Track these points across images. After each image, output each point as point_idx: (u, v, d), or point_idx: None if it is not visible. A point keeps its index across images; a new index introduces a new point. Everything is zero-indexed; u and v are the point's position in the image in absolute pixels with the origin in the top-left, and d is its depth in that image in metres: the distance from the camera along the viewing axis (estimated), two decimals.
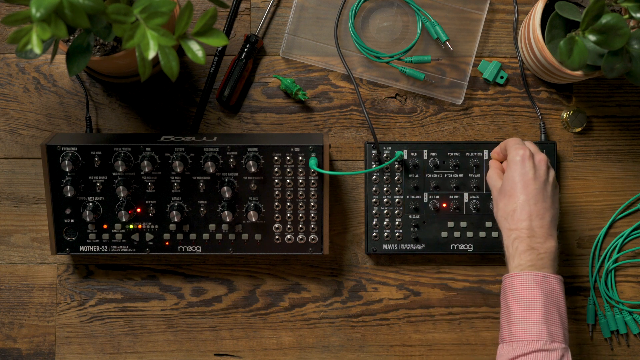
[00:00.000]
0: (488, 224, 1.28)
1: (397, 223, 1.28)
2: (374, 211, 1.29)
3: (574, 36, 1.10)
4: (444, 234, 1.29)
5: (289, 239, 1.24)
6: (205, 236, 1.24)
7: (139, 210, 1.23)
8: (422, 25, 1.29)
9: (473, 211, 1.28)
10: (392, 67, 1.30)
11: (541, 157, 1.17)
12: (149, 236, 1.24)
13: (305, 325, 1.32)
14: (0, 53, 1.30)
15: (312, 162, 1.20)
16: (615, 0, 1.11)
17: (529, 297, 1.10)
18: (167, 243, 1.24)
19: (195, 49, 0.97)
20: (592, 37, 1.07)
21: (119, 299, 1.31)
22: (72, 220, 1.23)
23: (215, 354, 1.32)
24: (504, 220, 1.15)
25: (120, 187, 1.21)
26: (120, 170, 1.20)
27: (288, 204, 1.23)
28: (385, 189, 1.28)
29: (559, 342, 1.08)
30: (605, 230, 1.32)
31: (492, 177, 1.21)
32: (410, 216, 1.29)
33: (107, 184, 1.22)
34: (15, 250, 1.31)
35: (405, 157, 1.28)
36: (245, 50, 1.28)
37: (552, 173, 1.17)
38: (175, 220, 1.22)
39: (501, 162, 1.24)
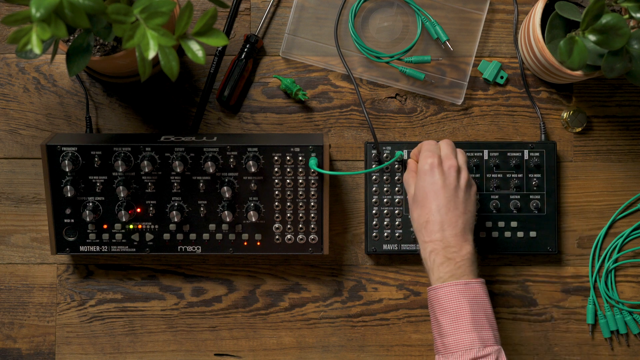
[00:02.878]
0: (488, 224, 1.28)
1: (397, 223, 1.28)
2: (374, 211, 1.29)
3: (574, 36, 1.10)
4: None
5: (289, 239, 1.24)
6: (205, 236, 1.24)
7: (139, 210, 1.23)
8: (422, 25, 1.29)
9: None
10: (392, 67, 1.30)
11: (450, 164, 1.16)
12: (149, 236, 1.24)
13: (305, 325, 1.32)
14: (0, 53, 1.30)
15: (312, 162, 1.20)
16: (615, 0, 1.11)
17: (455, 308, 1.11)
18: (167, 243, 1.24)
19: (195, 49, 0.97)
20: (592, 37, 1.07)
21: (119, 299, 1.31)
22: (72, 220, 1.23)
23: (215, 354, 1.32)
24: (419, 232, 1.16)
25: (120, 187, 1.21)
26: (120, 170, 1.20)
27: (288, 204, 1.23)
28: (385, 189, 1.28)
29: (491, 345, 1.10)
30: (605, 230, 1.32)
31: (407, 180, 1.21)
32: (410, 216, 1.28)
33: (107, 184, 1.22)
34: (15, 250, 1.31)
35: (405, 157, 1.28)
36: (245, 50, 1.28)
37: (463, 176, 1.17)
38: (175, 220, 1.22)
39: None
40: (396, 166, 1.28)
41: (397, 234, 1.28)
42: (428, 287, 1.15)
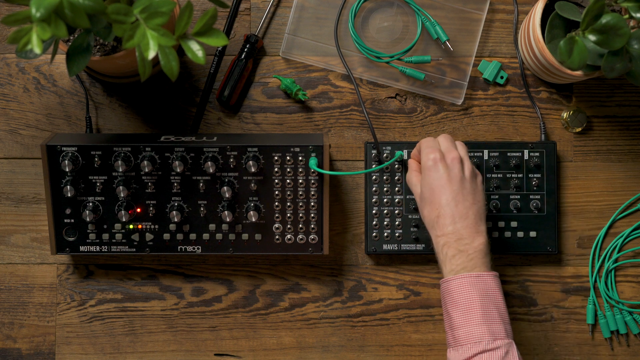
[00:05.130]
0: (488, 224, 1.28)
1: (397, 223, 1.28)
2: (374, 211, 1.29)
3: (574, 36, 1.10)
4: None
5: (289, 239, 1.24)
6: (205, 236, 1.24)
7: (139, 210, 1.23)
8: (422, 25, 1.29)
9: None
10: (392, 67, 1.30)
11: (453, 156, 1.15)
12: (149, 236, 1.24)
13: (305, 325, 1.32)
14: (0, 53, 1.30)
15: (312, 162, 1.20)
16: (615, 0, 1.11)
17: (465, 300, 1.10)
18: (167, 243, 1.24)
19: (195, 49, 0.97)
20: (592, 37, 1.07)
21: (119, 299, 1.31)
22: (72, 220, 1.23)
23: (215, 354, 1.32)
24: (431, 228, 1.15)
25: (120, 187, 1.21)
26: (120, 170, 1.20)
27: (288, 204, 1.23)
28: (385, 189, 1.28)
29: (502, 339, 1.09)
30: (605, 230, 1.32)
31: (411, 180, 1.21)
32: (410, 216, 1.29)
33: (107, 184, 1.22)
34: (15, 250, 1.31)
35: (405, 157, 1.28)
36: (245, 50, 1.28)
37: (467, 167, 1.16)
38: (175, 220, 1.22)
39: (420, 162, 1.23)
40: (396, 166, 1.28)
41: (397, 234, 1.29)
42: (440, 280, 1.14)
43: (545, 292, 1.32)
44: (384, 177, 1.28)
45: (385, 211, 1.28)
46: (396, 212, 1.28)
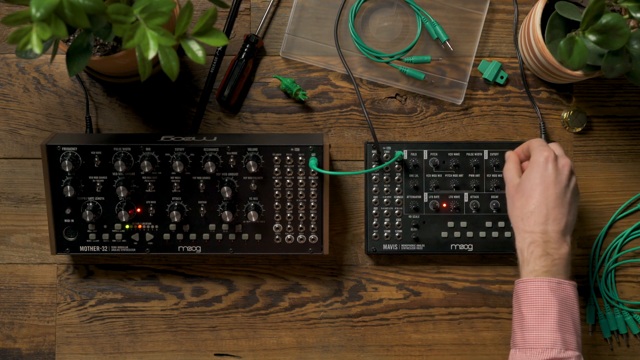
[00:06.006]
0: (488, 224, 1.28)
1: (397, 223, 1.28)
2: (374, 211, 1.29)
3: (574, 36, 1.10)
4: (444, 234, 1.29)
5: (289, 239, 1.24)
6: (205, 236, 1.24)
7: (139, 210, 1.23)
8: (422, 25, 1.29)
9: (473, 211, 1.28)
10: (392, 67, 1.30)
11: (565, 162, 1.15)
12: (149, 236, 1.24)
13: (305, 325, 1.32)
14: (0, 53, 1.30)
15: (312, 162, 1.20)
16: (615, 0, 1.11)
17: (543, 304, 1.09)
18: (167, 243, 1.24)
19: (195, 49, 0.97)
20: (592, 37, 1.07)
21: (119, 299, 1.31)
22: (72, 220, 1.23)
23: (215, 354, 1.32)
24: (520, 221, 1.13)
25: (120, 187, 1.21)
26: (120, 170, 1.20)
27: (288, 204, 1.23)
28: (385, 189, 1.28)
29: (573, 350, 1.07)
30: (605, 230, 1.32)
31: (510, 170, 1.19)
32: (410, 216, 1.29)
33: (107, 184, 1.22)
34: (15, 250, 1.31)
35: (405, 157, 1.28)
36: (245, 50, 1.28)
37: (574, 180, 1.16)
38: (175, 220, 1.22)
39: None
40: (396, 166, 1.28)
41: (397, 234, 1.29)
42: (517, 280, 1.12)
43: None
44: (384, 177, 1.28)
45: (385, 211, 1.28)
46: (396, 212, 1.28)
